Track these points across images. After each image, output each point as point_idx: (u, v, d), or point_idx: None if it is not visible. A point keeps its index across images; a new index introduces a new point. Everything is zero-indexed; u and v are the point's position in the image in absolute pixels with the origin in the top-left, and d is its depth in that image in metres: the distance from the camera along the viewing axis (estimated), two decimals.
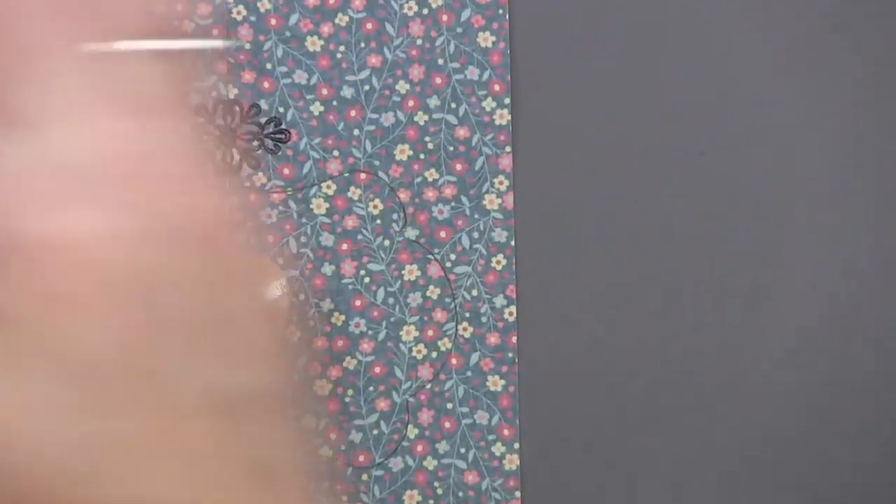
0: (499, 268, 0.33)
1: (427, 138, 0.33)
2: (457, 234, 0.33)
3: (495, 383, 0.32)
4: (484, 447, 0.32)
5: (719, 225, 0.33)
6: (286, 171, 0.33)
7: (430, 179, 0.33)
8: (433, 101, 0.33)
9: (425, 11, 0.33)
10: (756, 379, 0.33)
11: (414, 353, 0.33)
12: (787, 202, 0.33)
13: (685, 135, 0.34)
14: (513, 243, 0.33)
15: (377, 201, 0.33)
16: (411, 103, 0.33)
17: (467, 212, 0.33)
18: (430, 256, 0.33)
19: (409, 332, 0.33)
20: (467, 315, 0.33)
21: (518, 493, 0.33)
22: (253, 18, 0.33)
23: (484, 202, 0.33)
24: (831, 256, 0.33)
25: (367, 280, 0.33)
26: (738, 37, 0.34)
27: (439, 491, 0.33)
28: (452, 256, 0.33)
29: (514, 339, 0.33)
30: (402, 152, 0.33)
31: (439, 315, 0.33)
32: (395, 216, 0.33)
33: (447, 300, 0.33)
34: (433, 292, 0.33)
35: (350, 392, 0.33)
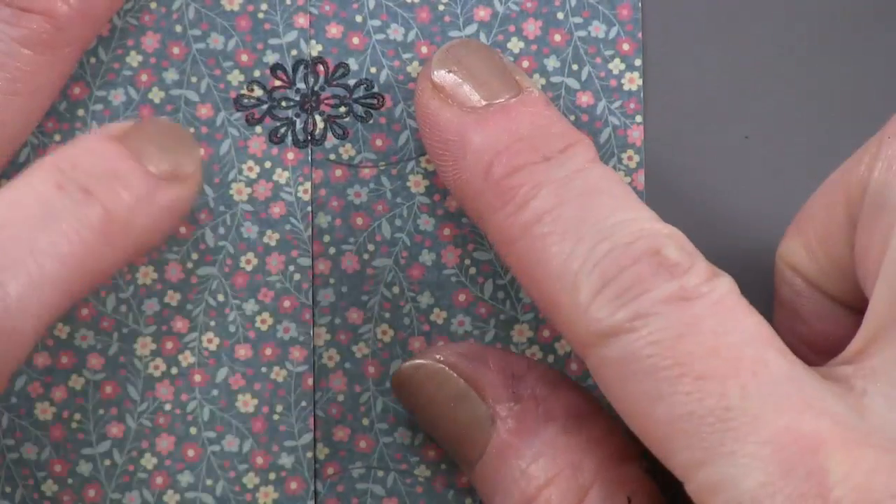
0: None
1: None
2: None
3: None
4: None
5: None
6: (378, 142, 0.28)
7: None
8: (551, 62, 0.28)
9: None
10: None
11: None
12: None
13: (850, 113, 0.29)
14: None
15: None
16: (526, 64, 0.28)
17: None
18: None
19: (521, 333, 0.28)
20: None
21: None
22: None
23: None
24: None
25: (472, 271, 0.28)
26: None
27: None
28: None
29: None
30: None
31: None
32: None
33: None
34: None
35: None
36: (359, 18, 0.28)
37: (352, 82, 0.28)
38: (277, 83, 0.28)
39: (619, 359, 0.20)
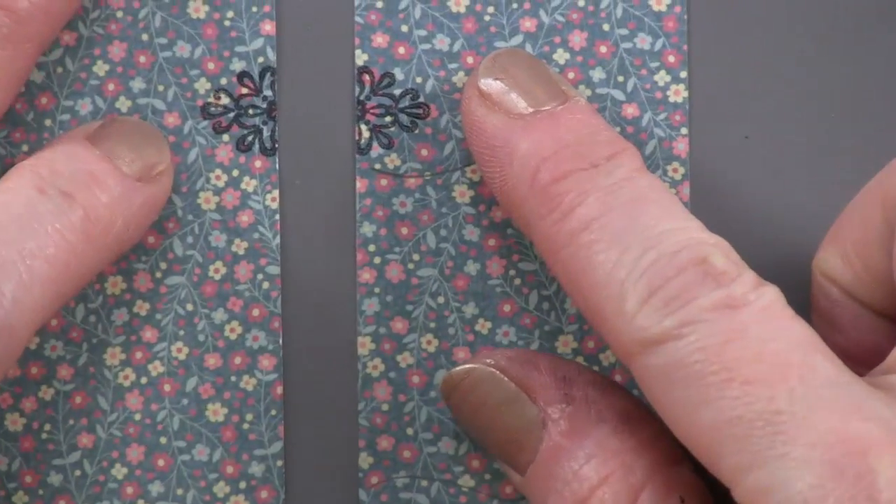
0: None
1: None
2: None
3: None
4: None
5: None
6: (424, 151, 0.28)
7: None
8: (597, 74, 0.28)
9: None
10: None
11: None
12: None
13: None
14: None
15: None
16: (571, 75, 0.28)
17: None
18: None
19: (566, 343, 0.28)
20: None
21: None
22: None
23: None
24: None
25: (517, 282, 0.28)
26: None
27: None
28: None
29: None
30: None
31: None
32: None
33: None
34: None
35: None
36: (405, 28, 0.28)
37: (397, 92, 0.28)
38: (244, 91, 0.28)
39: (666, 366, 0.20)
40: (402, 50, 0.28)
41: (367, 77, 0.28)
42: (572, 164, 0.23)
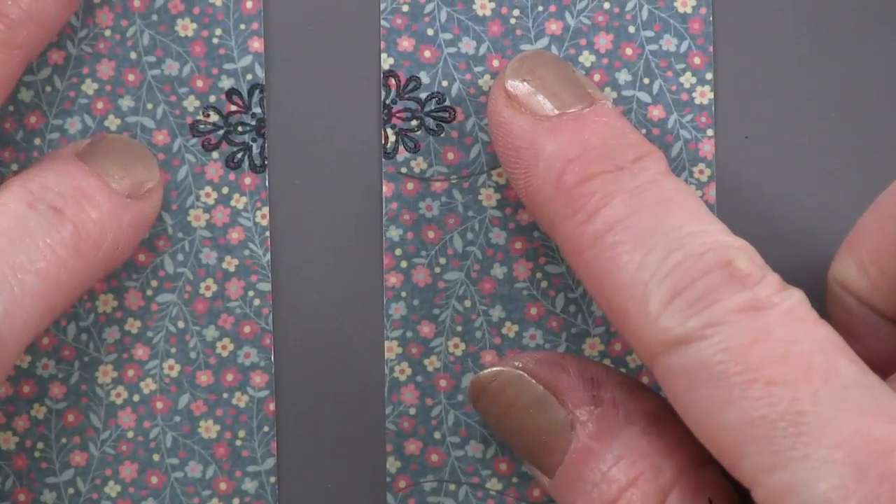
0: None
1: None
2: None
3: None
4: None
5: None
6: (450, 155, 0.28)
7: None
8: (623, 76, 0.28)
9: None
10: None
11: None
12: None
13: None
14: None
15: None
16: (597, 78, 0.28)
17: None
18: None
19: (592, 346, 0.28)
20: None
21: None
22: None
23: None
24: None
25: (544, 284, 0.28)
26: None
27: None
28: None
29: None
30: None
31: None
32: None
33: None
34: None
35: None
36: (430, 32, 0.28)
37: (423, 95, 0.28)
38: (233, 108, 0.28)
39: (689, 366, 0.20)
40: (427, 53, 0.28)
41: (392, 81, 0.28)
42: (598, 167, 0.23)
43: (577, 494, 0.23)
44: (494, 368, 0.25)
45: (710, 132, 0.28)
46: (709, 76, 0.28)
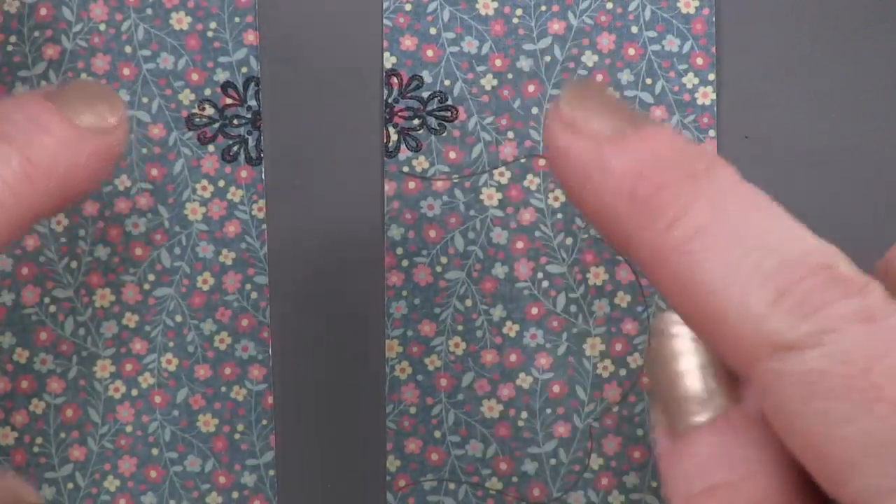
0: None
1: None
2: None
3: None
4: None
5: None
6: (452, 154, 0.28)
7: None
8: (625, 76, 0.28)
9: None
10: None
11: (599, 371, 0.28)
12: None
13: None
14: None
15: (558, 192, 0.28)
16: (599, 77, 0.28)
17: None
18: (620, 257, 0.28)
19: (593, 346, 0.28)
20: None
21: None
22: None
23: None
24: None
25: (545, 284, 0.28)
26: None
27: None
28: None
29: None
30: None
31: (629, 326, 0.28)
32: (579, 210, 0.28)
33: (638, 309, 0.28)
34: (622, 300, 0.28)
35: (524, 415, 0.28)
36: (433, 31, 0.28)
37: (425, 94, 0.28)
38: (229, 101, 0.28)
39: (802, 374, 0.19)
40: (430, 52, 0.28)
41: (394, 80, 0.28)
42: (672, 175, 0.22)
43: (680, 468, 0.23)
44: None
45: (712, 132, 0.28)
46: (711, 77, 0.28)
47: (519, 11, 0.28)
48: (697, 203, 0.21)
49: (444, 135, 0.28)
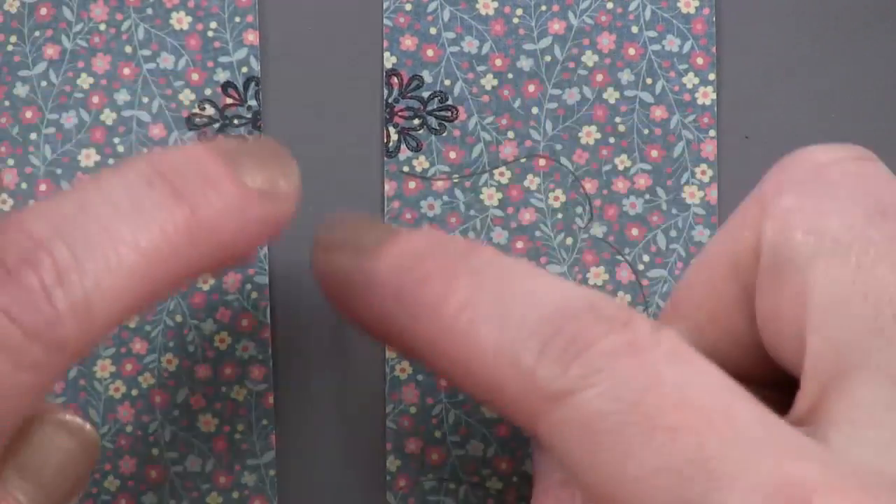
0: None
1: (618, 119, 0.28)
2: (651, 231, 0.28)
3: None
4: None
5: None
6: (452, 154, 0.28)
7: (620, 167, 0.28)
8: (625, 76, 0.28)
9: None
10: None
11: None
12: None
13: None
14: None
15: (558, 192, 0.28)
16: (600, 77, 0.28)
17: (663, 206, 0.28)
18: (620, 258, 0.28)
19: None
20: None
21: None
22: None
23: (683, 195, 0.28)
24: None
25: None
26: None
27: None
28: (645, 258, 0.28)
29: None
30: (588, 135, 0.28)
31: None
32: (578, 210, 0.28)
33: (639, 309, 0.28)
34: (622, 300, 0.28)
35: None
36: (433, 31, 0.28)
37: (426, 94, 0.28)
38: (229, 101, 0.28)
39: (578, 419, 0.19)
40: (430, 52, 0.28)
41: (395, 80, 0.28)
42: (434, 263, 0.22)
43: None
44: None
45: (712, 133, 0.28)
46: (711, 77, 0.28)
47: (519, 11, 0.28)
48: (459, 282, 0.21)
49: (445, 135, 0.28)
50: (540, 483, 0.22)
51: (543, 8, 0.28)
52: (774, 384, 0.21)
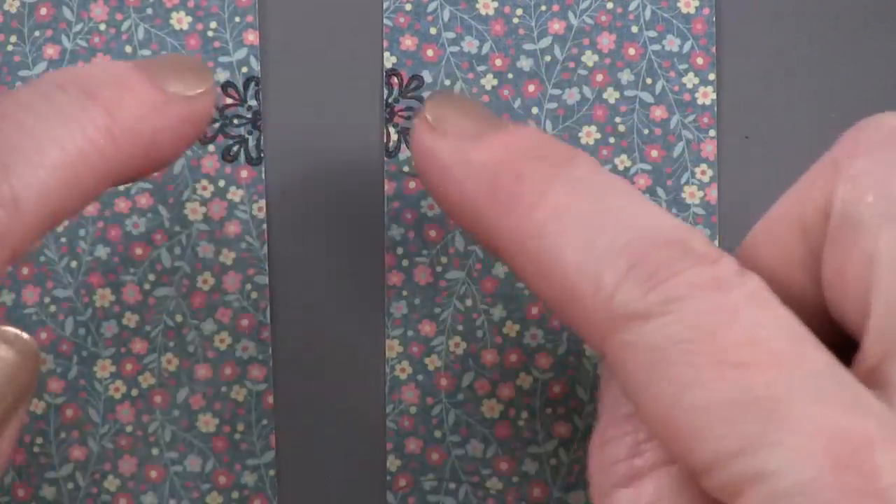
0: None
1: (618, 119, 0.28)
2: None
3: None
4: None
5: None
6: (432, 94, 0.28)
7: (620, 167, 0.28)
8: (625, 76, 0.28)
9: None
10: None
11: (600, 370, 0.28)
12: None
13: None
14: (715, 243, 0.28)
15: None
16: (600, 77, 0.28)
17: (663, 205, 0.28)
18: None
19: None
20: None
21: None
22: None
23: (683, 195, 0.28)
24: None
25: None
26: None
27: None
28: None
29: None
30: (589, 135, 0.28)
31: None
32: None
33: None
34: None
35: (524, 414, 0.28)
36: (433, 31, 0.28)
37: (426, 94, 0.28)
38: (229, 101, 0.28)
39: (650, 343, 0.19)
40: (430, 52, 0.28)
41: (395, 79, 0.28)
42: (532, 165, 0.22)
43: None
44: None
45: (712, 132, 0.28)
46: (711, 77, 0.28)
47: (519, 11, 0.28)
48: (555, 188, 0.21)
49: None
50: (604, 415, 0.22)
51: (543, 8, 0.28)
52: (833, 347, 0.21)
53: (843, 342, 0.21)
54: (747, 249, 0.23)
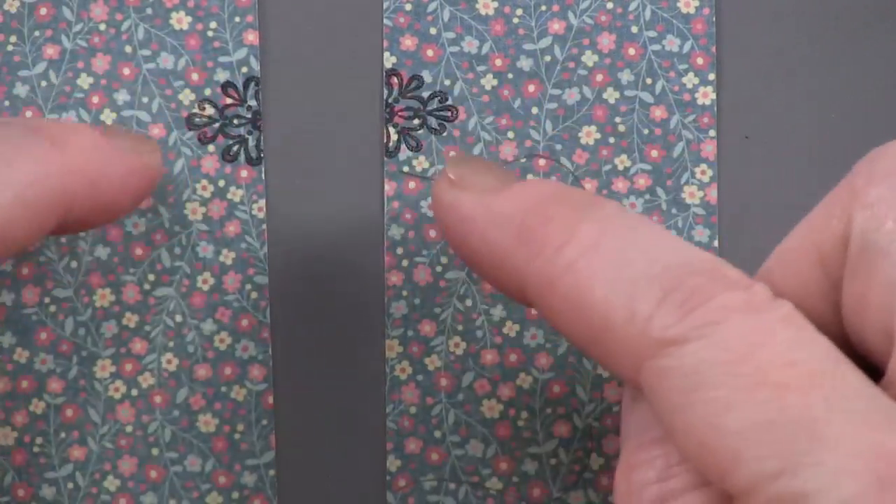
0: None
1: (618, 119, 0.28)
2: None
3: None
4: None
5: None
6: (452, 154, 0.28)
7: (620, 167, 0.28)
8: (625, 76, 0.28)
9: None
10: None
11: (599, 370, 0.28)
12: None
13: None
14: (715, 244, 0.28)
15: None
16: (600, 77, 0.28)
17: (663, 206, 0.28)
18: None
19: None
20: None
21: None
22: None
23: (683, 195, 0.28)
24: None
25: None
26: None
27: None
28: None
29: None
30: (588, 135, 0.28)
31: None
32: None
33: None
34: None
35: (524, 414, 0.28)
36: (433, 31, 0.28)
37: (426, 94, 0.28)
38: (229, 101, 0.28)
39: (686, 367, 0.19)
40: (430, 52, 0.28)
41: (395, 80, 0.28)
42: (560, 208, 0.22)
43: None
44: None
45: (712, 133, 0.28)
46: (711, 77, 0.28)
47: (519, 11, 0.28)
48: (583, 227, 0.21)
49: (445, 135, 0.28)
50: (630, 441, 0.22)
51: (543, 8, 0.28)
52: None
53: (863, 369, 0.21)
54: (763, 279, 0.23)
